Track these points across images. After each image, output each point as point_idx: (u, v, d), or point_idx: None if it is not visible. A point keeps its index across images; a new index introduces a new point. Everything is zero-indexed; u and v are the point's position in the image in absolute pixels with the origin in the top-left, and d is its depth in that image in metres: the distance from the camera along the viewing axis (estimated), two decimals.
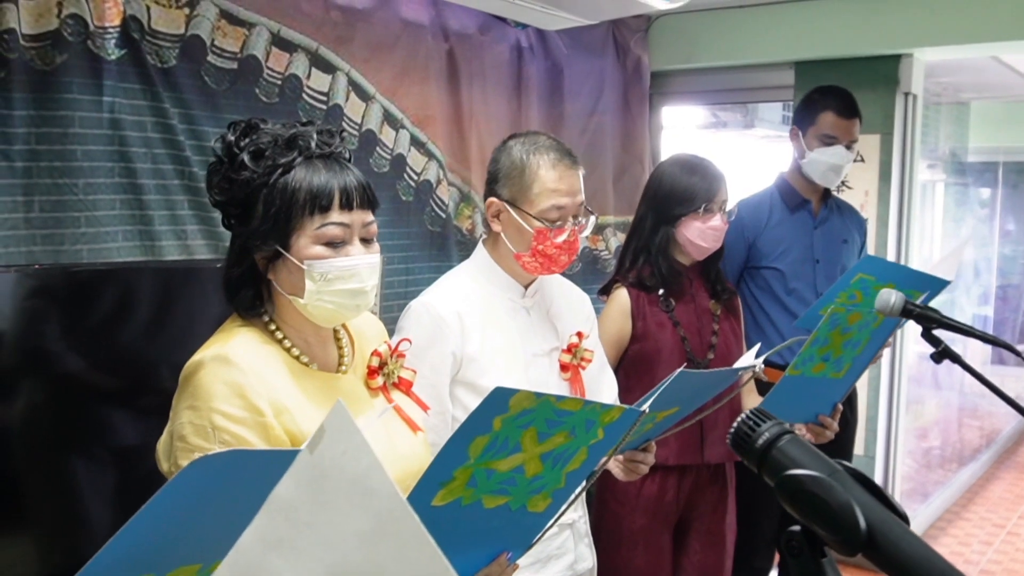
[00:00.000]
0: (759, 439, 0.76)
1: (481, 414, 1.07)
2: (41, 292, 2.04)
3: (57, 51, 2.26)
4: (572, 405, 1.15)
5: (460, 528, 1.20)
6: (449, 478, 1.11)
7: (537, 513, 1.27)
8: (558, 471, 1.22)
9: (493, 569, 1.30)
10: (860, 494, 0.72)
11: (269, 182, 1.39)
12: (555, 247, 1.90)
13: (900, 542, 0.69)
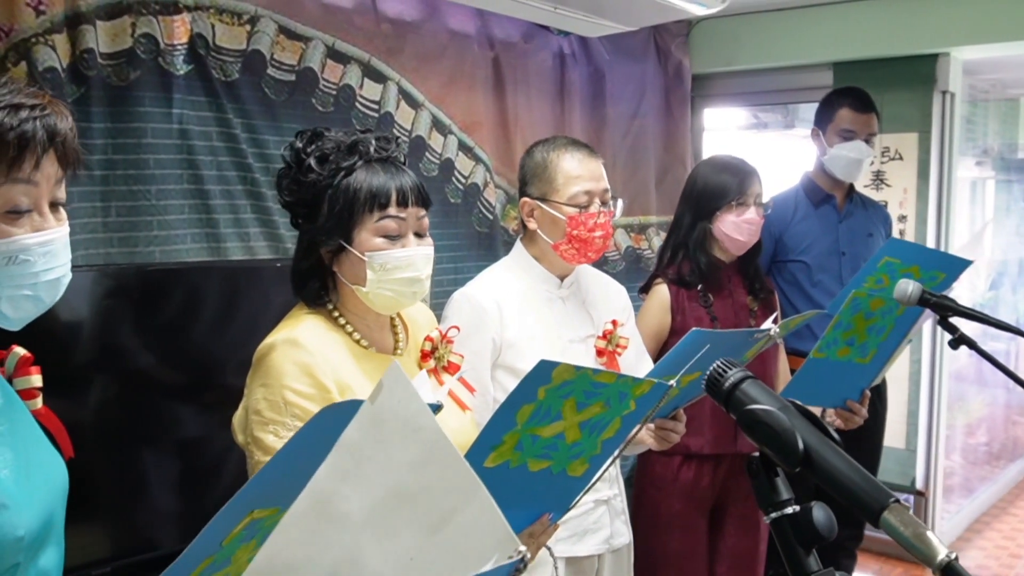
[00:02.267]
0: (726, 382, 0.90)
1: (527, 384, 1.20)
2: (116, 291, 2.19)
3: (131, 68, 2.44)
4: (607, 378, 1.27)
5: (508, 488, 1.33)
6: (499, 442, 1.24)
7: (576, 477, 1.39)
8: (595, 438, 1.35)
9: (536, 528, 1.43)
10: (801, 424, 0.84)
11: (333, 183, 1.55)
12: (588, 230, 2.04)
13: (830, 459, 0.82)
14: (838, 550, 3.19)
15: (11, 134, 1.09)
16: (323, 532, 0.63)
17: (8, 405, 1.19)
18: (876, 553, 4.20)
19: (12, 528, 1.10)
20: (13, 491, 1.11)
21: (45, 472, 1.21)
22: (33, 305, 1.15)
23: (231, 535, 0.86)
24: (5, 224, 1.10)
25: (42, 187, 1.13)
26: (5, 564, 1.10)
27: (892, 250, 2.37)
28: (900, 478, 4.10)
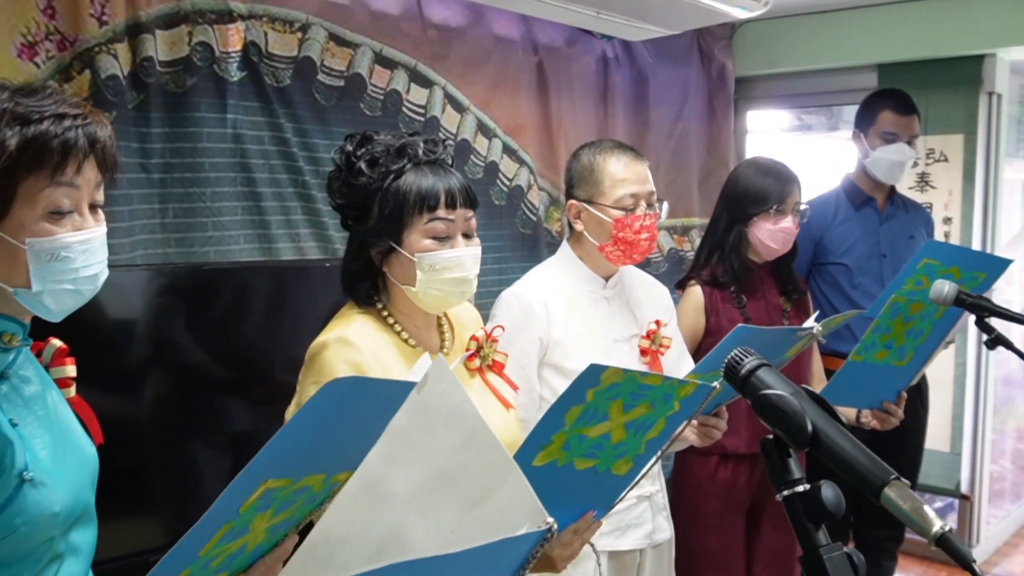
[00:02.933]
0: (743, 369, 0.95)
1: (577, 387, 1.25)
2: (170, 289, 2.27)
3: (188, 75, 2.54)
4: (653, 380, 1.32)
5: (554, 486, 1.38)
6: (548, 442, 1.29)
7: (620, 476, 1.44)
8: (640, 438, 1.39)
9: (581, 524, 1.48)
10: (811, 408, 0.89)
11: (383, 186, 1.60)
12: (634, 232, 2.08)
13: (836, 439, 0.87)
14: (878, 551, 3.19)
15: (55, 141, 1.17)
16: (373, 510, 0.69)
17: (46, 392, 1.28)
18: (919, 557, 4.18)
19: (49, 504, 1.18)
20: (51, 470, 1.20)
21: (78, 455, 1.29)
22: (72, 299, 1.23)
23: (247, 503, 0.92)
24: (48, 224, 1.18)
25: (83, 190, 1.21)
26: (41, 537, 1.18)
27: (931, 252, 2.39)
28: (945, 482, 4.08)
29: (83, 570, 1.29)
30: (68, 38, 2.31)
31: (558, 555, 1.50)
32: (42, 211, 1.17)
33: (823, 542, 0.88)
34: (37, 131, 1.15)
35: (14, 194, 1.15)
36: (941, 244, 2.71)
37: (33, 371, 1.27)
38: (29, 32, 2.25)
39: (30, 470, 1.15)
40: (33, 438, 1.19)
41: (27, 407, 1.21)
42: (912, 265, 2.38)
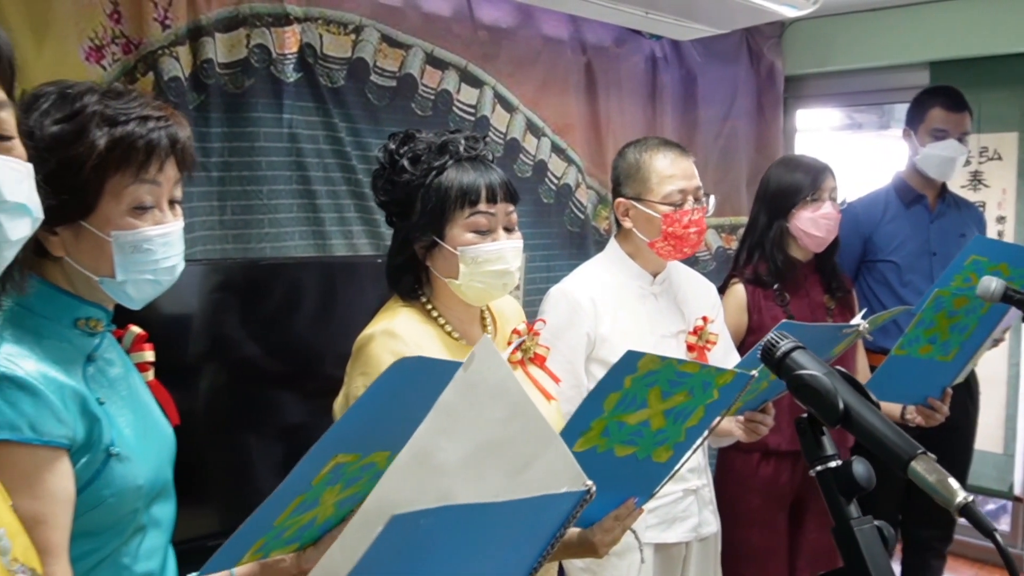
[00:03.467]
0: (779, 351, 0.98)
1: (614, 374, 1.29)
2: (227, 284, 2.34)
3: (246, 76, 2.62)
4: (691, 368, 1.35)
5: (594, 473, 1.41)
6: (587, 428, 1.33)
7: (660, 463, 1.47)
8: (679, 426, 1.42)
9: (622, 511, 1.52)
10: (843, 387, 0.92)
11: (426, 182, 1.65)
12: (683, 227, 2.12)
13: (866, 416, 0.90)
14: (927, 550, 3.18)
15: (140, 141, 1.24)
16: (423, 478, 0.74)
17: (127, 374, 1.36)
18: (971, 559, 4.13)
19: (133, 477, 1.26)
20: (134, 446, 1.27)
21: (158, 434, 1.37)
22: (152, 288, 1.31)
23: (319, 476, 0.98)
24: (131, 218, 1.25)
25: (163, 187, 1.29)
26: (126, 509, 1.26)
27: (979, 248, 2.37)
28: (997, 483, 4.02)
29: (164, 542, 1.37)
30: (133, 41, 2.41)
31: (599, 540, 1.53)
32: (126, 206, 1.24)
33: (854, 515, 0.91)
34: (124, 132, 1.23)
35: (102, 190, 1.23)
36: (989, 240, 2.69)
37: (116, 355, 1.35)
38: (96, 36, 2.35)
39: (116, 445, 1.23)
40: (118, 416, 1.26)
41: (112, 387, 1.29)
42: (960, 261, 2.37)
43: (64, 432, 1.16)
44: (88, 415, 1.20)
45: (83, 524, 1.20)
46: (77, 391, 1.20)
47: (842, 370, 0.97)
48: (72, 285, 1.27)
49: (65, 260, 1.26)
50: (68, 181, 1.20)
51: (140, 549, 1.30)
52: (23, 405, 1.13)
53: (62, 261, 1.26)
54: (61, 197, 1.17)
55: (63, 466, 1.16)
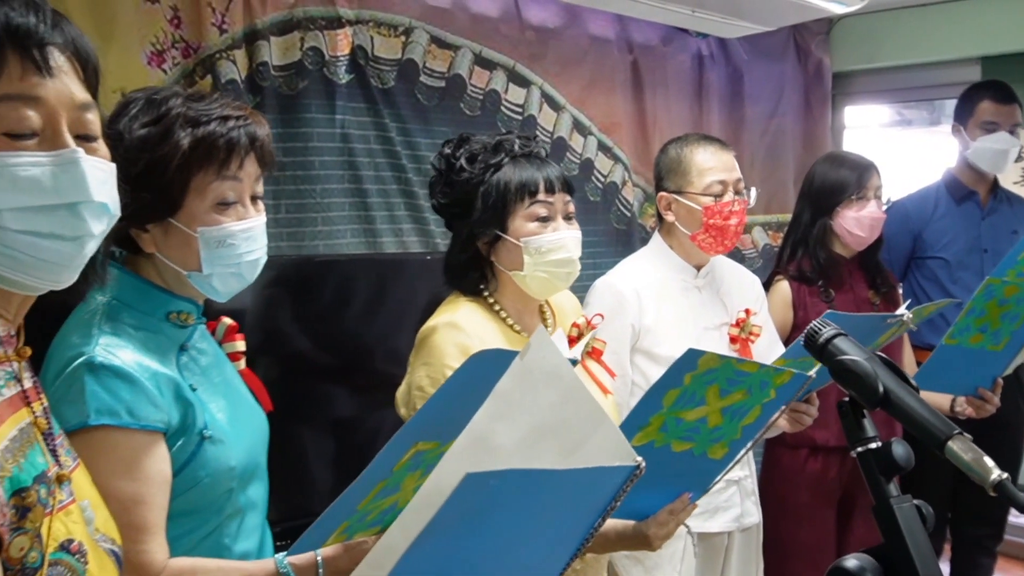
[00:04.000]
0: (821, 337, 1.01)
1: (675, 371, 1.33)
2: (284, 281, 2.41)
3: (299, 78, 2.69)
4: (750, 367, 1.39)
5: (651, 466, 1.45)
6: (646, 423, 1.37)
7: (716, 460, 1.51)
8: (736, 424, 1.46)
9: (677, 505, 1.56)
10: (883, 371, 0.95)
11: (484, 179, 1.71)
12: (723, 218, 2.14)
13: (905, 399, 0.92)
14: (977, 548, 3.15)
15: (221, 140, 1.31)
16: (481, 461, 0.78)
17: (219, 363, 1.43)
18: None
19: (226, 459, 1.32)
20: (227, 430, 1.34)
21: (250, 419, 1.44)
22: (237, 282, 1.38)
23: (400, 463, 1.03)
24: (216, 214, 1.32)
25: (245, 183, 1.35)
26: (221, 489, 1.33)
27: None
28: None
29: (260, 522, 1.44)
30: (192, 46, 2.49)
31: (654, 534, 1.56)
32: (210, 203, 1.31)
33: (894, 493, 0.94)
34: (206, 132, 1.29)
35: (187, 188, 1.30)
36: None
37: (208, 345, 1.43)
38: (157, 41, 2.43)
39: (209, 429, 1.30)
40: (210, 402, 1.33)
41: (204, 375, 1.36)
42: (1012, 256, 2.35)
43: (160, 417, 1.23)
44: (182, 401, 1.27)
45: (181, 504, 1.27)
46: (171, 378, 1.27)
47: (883, 356, 1.00)
48: (163, 280, 1.35)
49: (156, 256, 1.33)
50: (156, 180, 1.27)
51: (240, 529, 1.37)
52: (121, 392, 1.20)
53: (153, 257, 1.33)
54: (151, 196, 1.24)
55: (159, 449, 1.23)
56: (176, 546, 1.26)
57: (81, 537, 0.91)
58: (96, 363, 1.21)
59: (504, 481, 0.65)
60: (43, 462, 0.89)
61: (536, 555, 0.76)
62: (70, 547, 0.88)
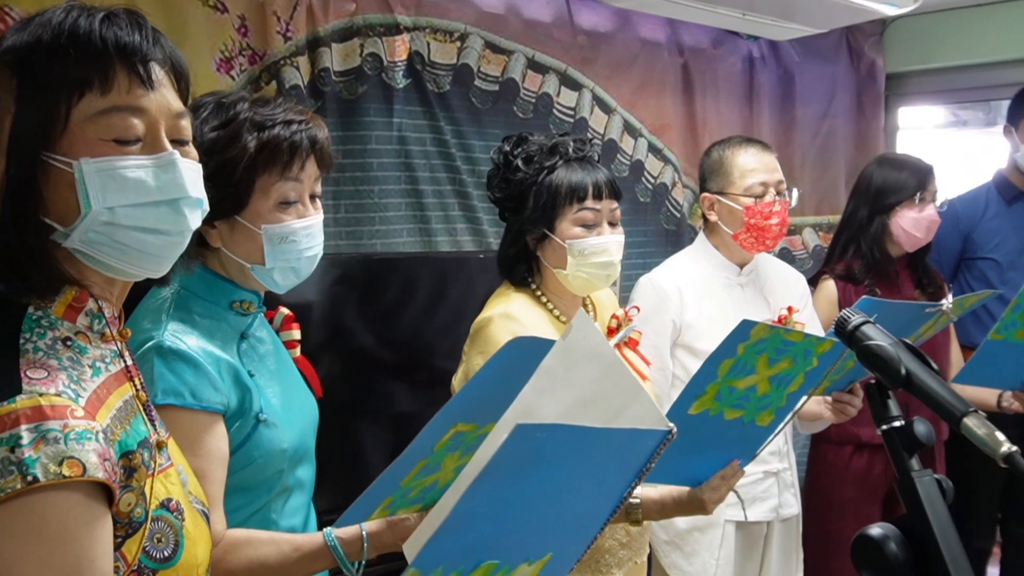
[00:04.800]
0: (850, 324, 1.08)
1: (729, 342, 1.42)
2: (344, 277, 2.51)
3: (359, 83, 2.80)
4: (795, 337, 1.48)
5: (706, 434, 1.55)
6: (702, 392, 1.46)
7: (763, 427, 1.60)
8: (782, 391, 1.54)
9: (727, 471, 1.65)
10: (906, 355, 1.01)
11: (538, 180, 1.81)
12: (764, 218, 2.21)
13: (926, 380, 0.98)
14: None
15: (284, 143, 1.41)
16: None
17: (276, 351, 1.53)
18: None
19: (279, 441, 1.42)
20: (280, 415, 1.44)
21: (302, 404, 1.53)
22: (295, 275, 1.48)
23: (440, 442, 1.11)
24: (278, 212, 1.42)
25: (305, 184, 1.45)
26: (273, 469, 1.42)
27: None
28: None
29: (306, 501, 1.54)
30: (258, 53, 2.61)
31: (708, 498, 1.65)
32: (274, 202, 1.41)
33: (916, 468, 1.00)
34: (270, 135, 1.40)
35: (253, 188, 1.40)
36: None
37: (266, 334, 1.53)
38: (226, 48, 2.56)
39: (264, 413, 1.40)
40: (266, 387, 1.43)
41: (261, 362, 1.46)
42: None
43: (220, 399, 1.33)
44: (240, 385, 1.38)
45: (236, 481, 1.37)
46: (231, 364, 1.37)
47: (907, 342, 1.06)
48: (228, 272, 1.45)
49: (222, 250, 1.43)
50: (224, 180, 1.37)
51: (286, 507, 1.47)
52: (185, 375, 1.30)
53: (219, 251, 1.44)
54: (219, 194, 1.34)
55: (219, 429, 1.34)
56: (228, 520, 1.36)
57: (178, 497, 1.01)
58: (165, 347, 1.31)
59: (550, 434, 0.72)
60: (145, 430, 0.99)
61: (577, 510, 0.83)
62: (169, 505, 0.99)
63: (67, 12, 0.98)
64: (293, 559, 1.31)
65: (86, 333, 0.98)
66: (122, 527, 0.93)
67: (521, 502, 0.73)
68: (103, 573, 0.89)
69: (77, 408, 0.89)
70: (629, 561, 1.87)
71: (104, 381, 0.96)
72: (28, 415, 0.85)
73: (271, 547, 1.32)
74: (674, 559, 2.22)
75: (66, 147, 0.95)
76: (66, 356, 0.93)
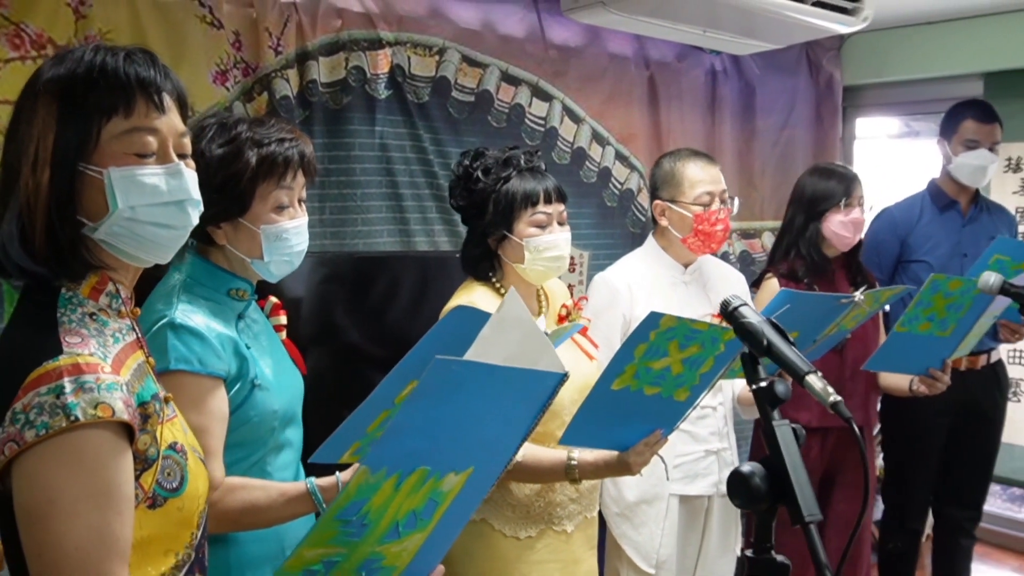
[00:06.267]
0: (730, 307, 1.31)
1: (641, 329, 1.66)
2: (329, 275, 2.73)
3: (344, 94, 3.02)
4: (701, 326, 1.72)
5: (629, 407, 1.79)
6: (622, 371, 1.71)
7: (681, 402, 1.85)
8: (694, 372, 1.79)
9: (651, 439, 1.90)
10: (769, 330, 1.24)
11: (497, 189, 2.06)
12: (711, 224, 2.45)
13: (783, 348, 1.21)
14: (958, 530, 3.39)
15: (280, 157, 1.66)
16: None
17: (267, 331, 1.78)
18: (1018, 552, 4.30)
19: (271, 404, 1.66)
20: (272, 381, 1.68)
21: (290, 376, 1.78)
22: (287, 267, 1.74)
23: (400, 396, 1.34)
24: (274, 215, 1.68)
25: (295, 191, 1.70)
26: (266, 427, 1.67)
27: (1002, 248, 2.60)
28: None
29: (295, 459, 1.79)
30: (251, 66, 2.82)
31: (633, 461, 1.90)
32: (271, 206, 1.67)
33: (776, 418, 1.22)
34: (268, 151, 1.64)
35: (253, 195, 1.66)
36: (1012, 241, 2.92)
37: (259, 317, 1.79)
38: (221, 62, 2.77)
39: (259, 379, 1.64)
40: (260, 358, 1.68)
41: (256, 339, 1.71)
42: (984, 260, 2.59)
43: (222, 366, 1.57)
44: (239, 356, 1.61)
45: (235, 437, 1.61)
46: (231, 338, 1.61)
47: (773, 320, 1.29)
48: (229, 265, 1.70)
49: (227, 247, 1.67)
50: (231, 190, 1.62)
51: (277, 461, 1.71)
52: (194, 346, 1.54)
53: (224, 248, 1.67)
54: (226, 201, 1.58)
55: (220, 392, 1.57)
56: (229, 471, 1.59)
57: (183, 441, 1.25)
58: (176, 323, 1.55)
59: (464, 367, 0.94)
60: (155, 387, 1.23)
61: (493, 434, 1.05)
62: (176, 447, 1.23)
63: (95, 51, 1.22)
64: (280, 503, 1.54)
65: (107, 310, 1.22)
66: (140, 462, 1.16)
67: (445, 421, 0.95)
68: (127, 494, 1.12)
69: (105, 365, 1.12)
70: (579, 515, 2.14)
71: (122, 347, 1.19)
72: (69, 370, 1.09)
73: (261, 492, 1.55)
74: (624, 530, 2.47)
75: (97, 159, 1.18)
76: (93, 327, 1.17)
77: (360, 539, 0.99)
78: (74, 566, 1.07)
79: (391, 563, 1.06)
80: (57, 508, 1.07)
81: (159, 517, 1.20)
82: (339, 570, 1.01)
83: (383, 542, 1.01)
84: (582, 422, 1.76)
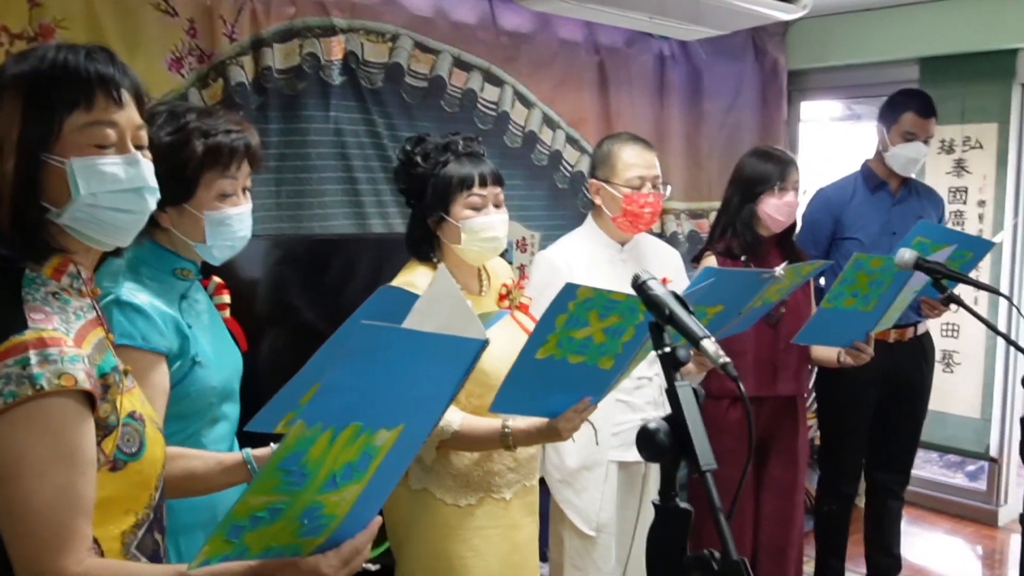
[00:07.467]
0: (638, 280, 1.42)
1: (559, 300, 1.73)
2: (285, 257, 2.82)
3: (299, 80, 3.10)
4: (618, 296, 1.77)
5: (556, 375, 1.86)
6: (544, 340, 1.78)
7: (606, 370, 1.92)
8: (617, 341, 1.86)
9: (579, 406, 1.99)
10: (672, 301, 1.36)
11: (435, 173, 2.14)
12: (639, 206, 2.58)
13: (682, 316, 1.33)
14: (887, 492, 3.58)
15: (226, 148, 1.76)
16: None
17: (209, 311, 1.88)
18: (951, 515, 4.52)
19: (209, 380, 1.76)
20: (211, 359, 1.78)
21: (228, 353, 1.88)
22: (229, 251, 1.83)
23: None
24: (218, 202, 1.77)
25: (239, 180, 1.80)
26: (205, 402, 1.77)
27: (923, 231, 2.75)
28: (975, 445, 4.39)
29: (230, 432, 1.88)
30: (206, 53, 2.90)
31: (562, 427, 2.00)
32: (215, 194, 1.76)
33: (679, 380, 1.34)
34: (214, 141, 1.74)
35: (198, 183, 1.74)
36: (933, 225, 3.08)
37: (202, 297, 1.88)
38: (176, 49, 2.85)
39: (199, 356, 1.73)
40: (200, 337, 1.77)
41: (197, 318, 1.80)
42: (907, 241, 2.74)
43: (164, 343, 1.67)
44: (180, 334, 1.71)
45: (174, 411, 1.71)
46: (173, 317, 1.71)
47: (676, 293, 1.41)
48: (174, 246, 1.79)
49: (171, 230, 1.76)
50: (177, 176, 1.70)
51: (212, 434, 1.81)
52: (138, 323, 1.64)
53: (169, 230, 1.77)
54: (172, 187, 1.67)
55: (162, 367, 1.67)
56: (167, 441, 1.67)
57: (141, 411, 1.36)
58: (122, 300, 1.64)
59: (389, 332, 1.04)
60: (114, 360, 1.33)
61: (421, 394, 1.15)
62: (134, 415, 1.33)
63: (58, 50, 1.31)
64: (216, 471, 1.62)
65: (68, 289, 1.31)
66: (101, 429, 1.26)
67: (374, 381, 1.05)
68: (89, 457, 1.23)
69: (68, 339, 1.22)
70: (517, 483, 2.25)
71: (83, 324, 1.29)
72: (34, 343, 1.19)
73: (199, 460, 1.63)
74: (566, 495, 2.60)
75: (60, 150, 1.27)
76: (56, 305, 1.27)
77: (301, 488, 1.09)
78: (43, 522, 1.18)
79: (331, 511, 1.16)
80: (26, 468, 1.17)
81: (120, 479, 1.30)
82: (283, 517, 1.12)
83: (322, 491, 1.12)
84: (509, 390, 1.84)
